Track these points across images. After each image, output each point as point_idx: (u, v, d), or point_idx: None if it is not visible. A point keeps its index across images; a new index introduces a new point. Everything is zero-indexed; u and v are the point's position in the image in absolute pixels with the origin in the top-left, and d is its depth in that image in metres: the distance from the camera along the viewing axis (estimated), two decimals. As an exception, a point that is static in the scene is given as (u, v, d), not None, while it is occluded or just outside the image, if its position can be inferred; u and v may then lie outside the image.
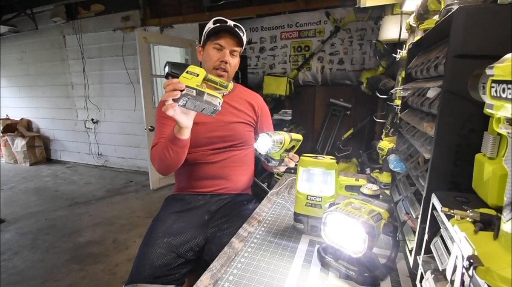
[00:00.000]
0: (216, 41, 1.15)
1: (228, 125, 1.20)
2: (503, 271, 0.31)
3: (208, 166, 1.20)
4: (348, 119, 3.46)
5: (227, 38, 1.15)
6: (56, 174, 4.56)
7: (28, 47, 4.97)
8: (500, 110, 0.35)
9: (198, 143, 1.17)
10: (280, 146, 0.90)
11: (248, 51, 3.81)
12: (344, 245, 0.71)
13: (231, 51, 1.16)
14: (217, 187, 1.21)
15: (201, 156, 1.19)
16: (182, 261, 1.01)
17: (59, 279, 2.04)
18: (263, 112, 1.32)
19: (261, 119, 1.31)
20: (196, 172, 1.20)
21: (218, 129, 1.19)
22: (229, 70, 1.18)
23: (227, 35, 1.14)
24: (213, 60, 1.16)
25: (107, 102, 4.56)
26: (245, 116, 1.25)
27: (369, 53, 3.28)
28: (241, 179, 1.26)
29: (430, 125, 0.68)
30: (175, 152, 0.99)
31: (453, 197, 0.51)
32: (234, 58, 1.19)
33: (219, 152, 1.20)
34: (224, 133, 1.19)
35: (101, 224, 2.87)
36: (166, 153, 1.00)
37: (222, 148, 1.20)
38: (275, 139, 0.88)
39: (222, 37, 1.14)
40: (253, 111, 1.28)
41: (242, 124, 1.24)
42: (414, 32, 1.37)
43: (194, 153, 1.18)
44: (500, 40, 0.51)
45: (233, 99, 1.25)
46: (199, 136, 1.16)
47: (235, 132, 1.21)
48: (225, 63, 1.15)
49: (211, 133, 1.18)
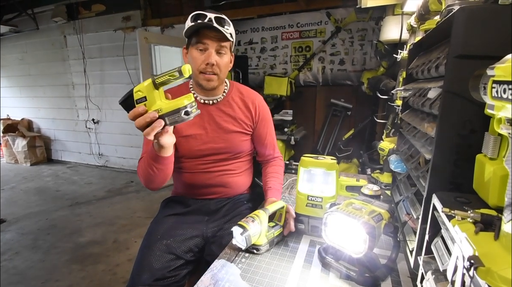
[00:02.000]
0: (198, 41, 1.00)
1: (222, 136, 1.12)
2: (504, 271, 0.31)
3: (206, 175, 1.14)
4: (349, 120, 3.47)
5: (210, 35, 0.99)
6: (57, 174, 4.57)
7: (29, 47, 4.98)
8: (501, 111, 0.35)
9: (192, 155, 1.11)
10: (258, 232, 0.83)
11: (249, 51, 3.82)
12: (345, 246, 0.71)
13: (217, 49, 1.01)
14: (216, 194, 1.17)
15: (197, 166, 1.13)
16: (182, 263, 1.01)
17: (60, 279, 2.04)
18: (262, 116, 1.19)
19: (259, 124, 1.19)
20: (193, 180, 1.15)
21: (212, 141, 1.11)
22: (219, 72, 1.03)
23: (209, 31, 0.98)
24: (198, 64, 1.01)
25: (108, 102, 4.57)
26: (241, 123, 1.15)
27: (370, 53, 3.28)
28: (241, 185, 1.22)
29: (431, 126, 0.68)
30: (160, 170, 0.92)
31: (454, 198, 0.51)
32: (223, 56, 1.03)
33: (214, 162, 1.14)
34: (218, 144, 1.12)
35: (101, 224, 2.87)
36: (151, 171, 0.93)
37: (218, 160, 1.14)
38: (249, 234, 0.80)
39: (203, 35, 0.99)
40: (250, 116, 1.16)
41: (237, 134, 1.14)
42: (415, 32, 1.37)
43: (188, 162, 1.13)
44: (501, 40, 0.51)
45: (228, 105, 1.14)
46: (192, 149, 1.11)
47: (230, 144, 1.13)
48: (212, 65, 1.00)
49: (205, 145, 1.11)
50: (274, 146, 1.28)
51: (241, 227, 0.81)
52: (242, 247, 0.83)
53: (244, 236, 0.80)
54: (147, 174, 0.95)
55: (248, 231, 0.80)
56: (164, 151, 0.86)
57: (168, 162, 0.92)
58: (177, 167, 1.14)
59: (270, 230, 0.88)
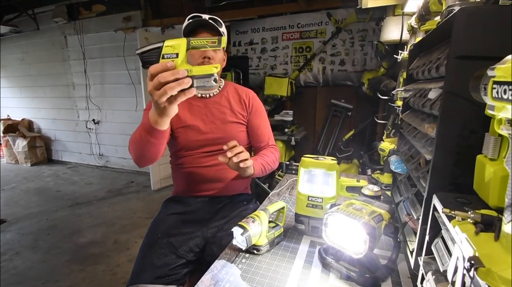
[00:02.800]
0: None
1: (219, 126, 1.18)
2: (504, 272, 0.31)
3: (203, 169, 1.17)
4: (349, 120, 3.47)
5: (204, 33, 1.12)
6: (57, 175, 4.57)
7: (29, 48, 4.99)
8: (502, 111, 0.35)
9: (190, 146, 1.15)
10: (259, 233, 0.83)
11: (250, 51, 3.82)
12: (345, 246, 0.71)
13: None
14: (214, 190, 1.19)
15: (195, 160, 1.17)
16: (182, 262, 1.01)
17: (60, 279, 2.05)
18: (255, 107, 1.26)
19: (253, 115, 1.25)
20: (192, 176, 1.18)
21: (210, 131, 1.16)
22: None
23: (204, 30, 1.12)
24: (195, 59, 1.11)
25: (108, 103, 4.57)
26: (237, 114, 1.21)
27: (370, 54, 3.29)
28: (238, 181, 1.23)
29: (431, 126, 0.68)
30: (153, 144, 0.87)
31: (454, 198, 0.51)
32: (217, 52, 1.14)
33: (212, 155, 1.16)
34: (216, 135, 1.16)
35: (102, 224, 2.87)
36: (142, 145, 0.88)
37: (215, 151, 1.15)
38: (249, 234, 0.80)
39: (199, 33, 1.12)
40: (244, 107, 1.24)
41: (234, 124, 1.20)
42: (416, 33, 1.36)
43: (187, 156, 1.16)
44: (501, 41, 0.51)
45: (224, 97, 1.22)
46: (191, 139, 1.15)
47: (227, 134, 1.17)
48: (208, 58, 1.11)
49: (202, 136, 1.16)
50: (267, 137, 1.28)
51: (241, 227, 0.81)
52: (242, 248, 0.83)
53: (245, 236, 0.80)
54: (140, 148, 0.91)
55: (249, 232, 0.80)
56: (163, 122, 0.77)
57: (163, 137, 0.86)
58: (176, 164, 1.21)
59: (271, 230, 0.87)
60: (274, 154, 1.24)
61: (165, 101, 0.67)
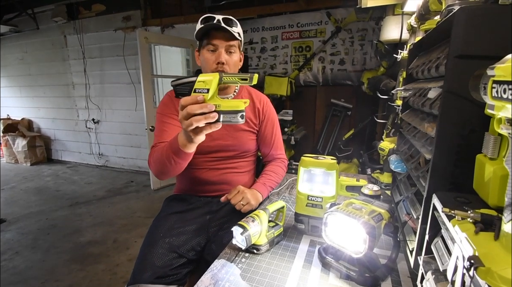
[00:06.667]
0: (208, 43, 1.08)
1: (231, 133, 1.17)
2: (504, 271, 0.31)
3: (210, 172, 1.18)
4: (349, 120, 3.47)
5: (218, 35, 1.07)
6: (57, 174, 4.57)
7: (29, 47, 4.98)
8: (501, 111, 0.35)
9: (200, 150, 1.12)
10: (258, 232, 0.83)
11: (249, 51, 3.82)
12: (345, 246, 0.71)
13: (226, 48, 1.08)
14: (218, 191, 1.19)
15: (203, 163, 1.17)
16: (183, 261, 1.01)
17: (60, 279, 2.05)
18: (268, 116, 1.25)
19: (265, 123, 1.24)
20: (197, 177, 1.18)
21: (221, 138, 1.15)
22: (229, 70, 1.10)
23: (218, 32, 1.07)
24: (210, 64, 1.09)
25: (108, 102, 4.57)
26: (249, 123, 1.20)
27: (370, 53, 3.29)
28: (243, 184, 1.22)
29: (431, 126, 0.68)
30: (177, 163, 0.92)
31: (454, 198, 0.51)
32: (232, 55, 1.11)
33: (221, 160, 1.17)
34: (227, 142, 1.16)
35: (102, 224, 2.87)
36: (167, 163, 0.93)
37: (224, 157, 1.17)
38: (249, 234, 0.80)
39: (213, 36, 1.07)
40: (257, 115, 1.22)
41: (246, 132, 1.20)
42: (415, 32, 1.37)
43: (195, 159, 1.13)
44: (501, 40, 0.51)
45: None
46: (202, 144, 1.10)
47: (238, 141, 1.17)
48: (222, 64, 1.07)
49: (213, 142, 1.14)
50: (278, 147, 1.31)
51: (241, 227, 0.81)
52: (242, 247, 0.83)
53: (244, 236, 0.80)
54: (163, 165, 0.96)
55: (248, 231, 0.80)
56: (190, 146, 0.84)
57: (188, 158, 0.92)
58: None
59: (270, 230, 0.87)
60: (282, 169, 1.29)
61: (191, 130, 0.72)
